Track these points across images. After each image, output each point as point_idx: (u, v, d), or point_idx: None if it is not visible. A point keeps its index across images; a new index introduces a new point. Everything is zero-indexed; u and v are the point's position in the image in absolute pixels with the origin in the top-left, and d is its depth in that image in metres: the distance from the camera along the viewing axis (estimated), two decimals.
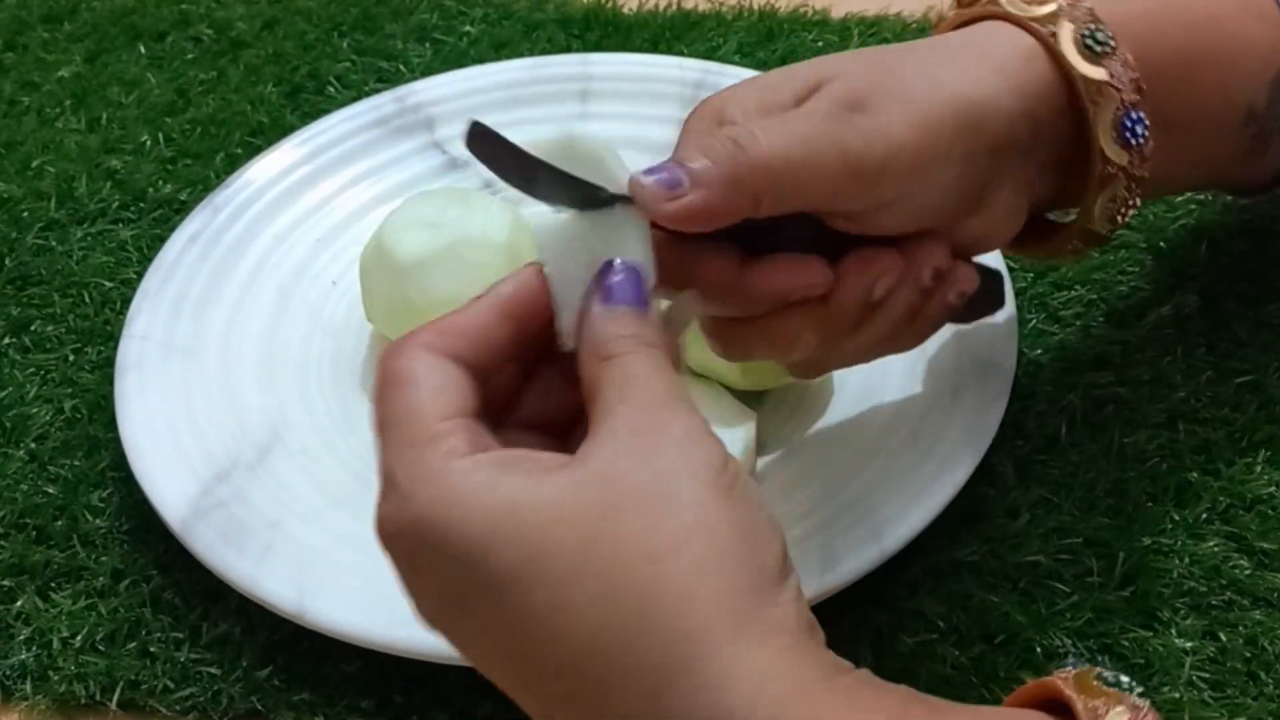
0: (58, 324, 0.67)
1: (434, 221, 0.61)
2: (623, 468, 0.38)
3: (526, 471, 0.39)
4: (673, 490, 0.38)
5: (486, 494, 0.38)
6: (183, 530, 0.55)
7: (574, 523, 0.38)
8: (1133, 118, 0.50)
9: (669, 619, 0.37)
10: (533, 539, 0.38)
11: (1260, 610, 0.53)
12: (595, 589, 0.37)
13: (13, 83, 0.80)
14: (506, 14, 0.81)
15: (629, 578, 0.37)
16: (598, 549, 0.37)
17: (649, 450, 0.39)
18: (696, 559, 0.37)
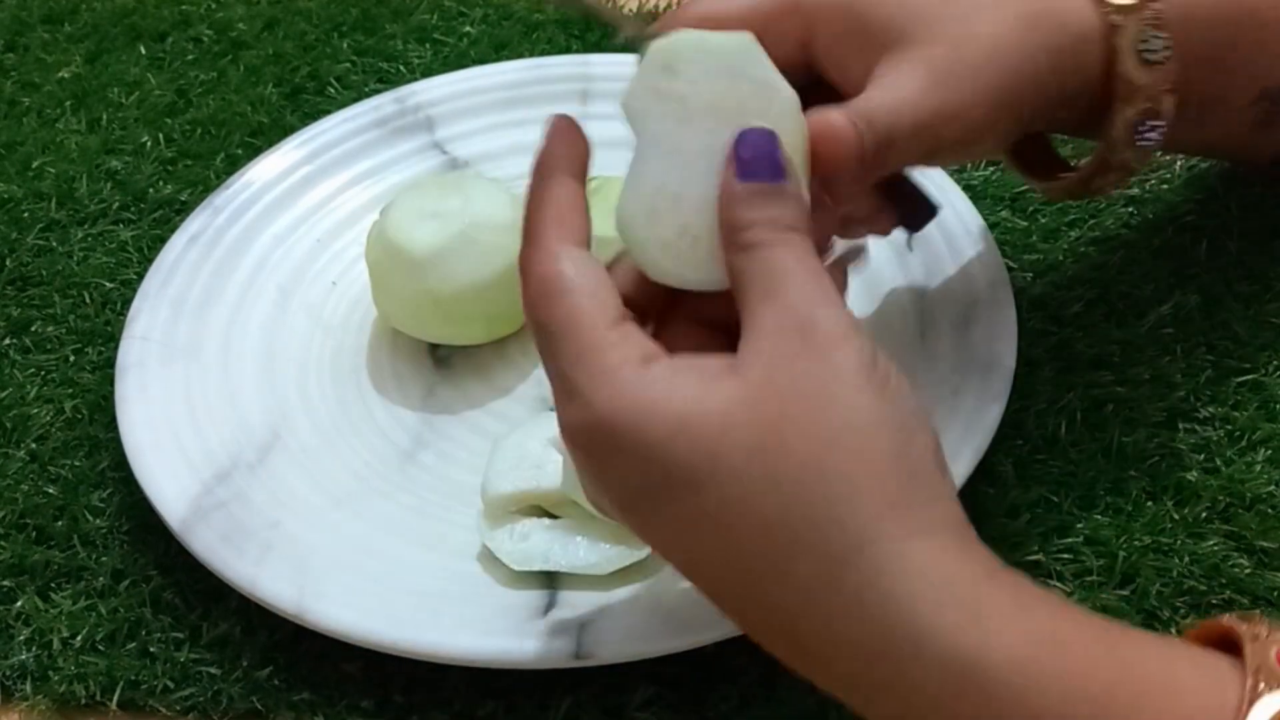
0: (58, 325, 0.67)
1: (436, 211, 0.61)
2: (778, 377, 0.40)
3: (695, 380, 0.41)
4: (829, 397, 0.40)
5: (663, 403, 0.41)
6: (183, 530, 0.55)
7: (743, 430, 0.40)
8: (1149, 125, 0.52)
9: (837, 513, 0.39)
10: (706, 446, 0.40)
11: (1260, 609, 0.53)
12: (767, 484, 0.39)
13: (13, 83, 0.80)
14: (506, 14, 0.81)
15: (795, 480, 0.39)
16: (765, 454, 0.40)
17: (800, 357, 0.40)
18: (858, 459, 0.40)
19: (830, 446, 0.40)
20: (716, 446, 0.40)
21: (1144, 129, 0.52)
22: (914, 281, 0.62)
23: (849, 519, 0.39)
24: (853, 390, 0.40)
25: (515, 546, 0.54)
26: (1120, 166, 0.54)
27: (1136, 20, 0.51)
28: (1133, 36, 0.51)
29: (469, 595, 0.54)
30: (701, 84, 0.44)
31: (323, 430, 0.61)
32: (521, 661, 0.51)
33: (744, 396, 0.40)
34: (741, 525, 0.40)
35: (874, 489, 0.39)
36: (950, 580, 0.39)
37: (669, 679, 0.52)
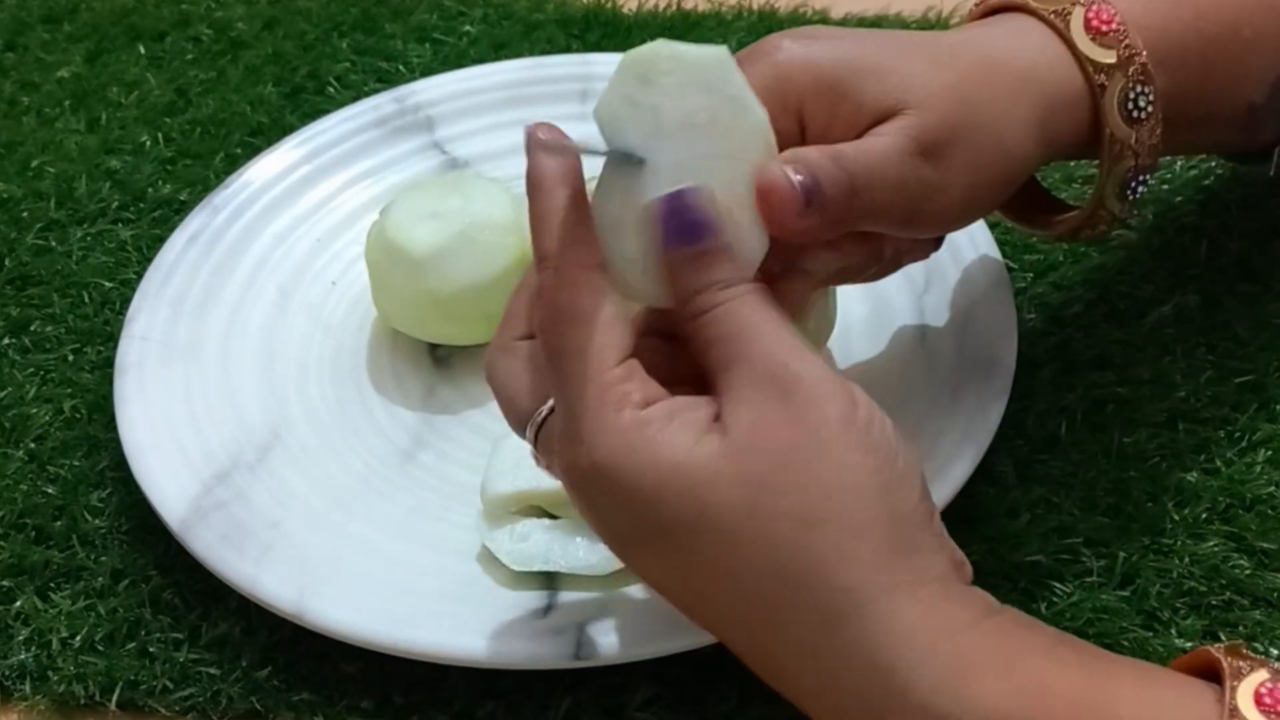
0: (57, 324, 0.67)
1: (436, 211, 0.61)
2: (762, 438, 0.41)
3: (687, 427, 0.42)
4: (812, 456, 0.41)
5: (655, 449, 0.41)
6: (182, 530, 0.55)
7: (732, 486, 0.41)
8: (1139, 179, 0.53)
9: (825, 576, 0.40)
10: (698, 495, 0.41)
11: (1260, 610, 0.53)
12: (760, 547, 0.41)
13: (13, 83, 0.80)
14: (506, 14, 0.81)
15: (789, 541, 0.40)
16: (758, 513, 0.41)
17: (780, 416, 0.41)
18: (844, 519, 0.40)
19: (818, 509, 0.40)
20: (706, 497, 0.41)
21: (1135, 185, 0.53)
22: (914, 282, 0.62)
23: (838, 581, 0.40)
24: (837, 448, 0.41)
25: (515, 547, 0.54)
26: (1110, 219, 0.54)
27: (1122, 77, 0.51)
28: (1119, 95, 0.51)
29: (469, 595, 0.54)
30: (676, 97, 0.44)
31: (323, 430, 0.61)
32: (521, 661, 0.51)
33: (730, 454, 0.41)
34: (734, 574, 0.41)
35: (862, 549, 0.40)
36: (934, 638, 0.40)
37: (669, 679, 0.52)
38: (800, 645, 0.41)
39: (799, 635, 0.41)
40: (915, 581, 0.41)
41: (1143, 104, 0.51)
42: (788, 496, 0.41)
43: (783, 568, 0.40)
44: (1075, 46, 0.51)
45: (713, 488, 0.41)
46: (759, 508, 0.41)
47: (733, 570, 0.41)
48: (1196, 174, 0.68)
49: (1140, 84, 0.51)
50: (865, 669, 0.40)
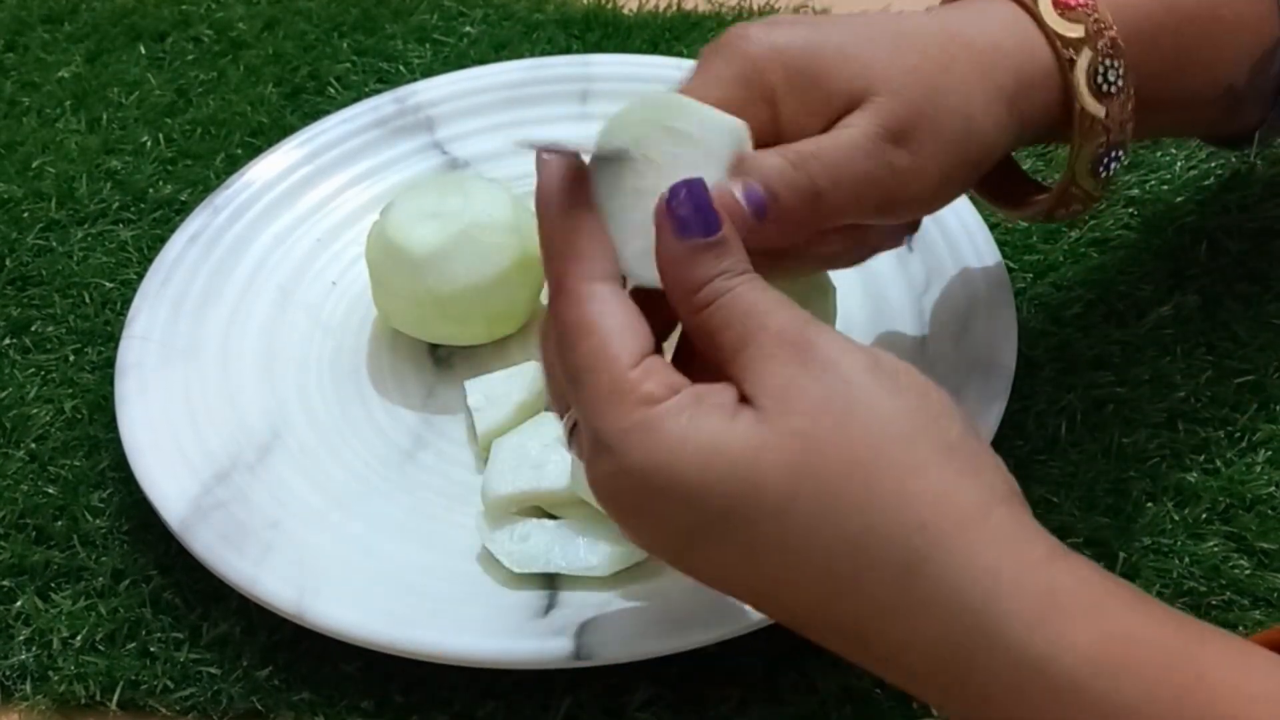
0: (58, 324, 0.67)
1: (437, 211, 0.61)
2: (793, 399, 0.40)
3: (717, 409, 0.41)
4: (850, 404, 0.40)
5: (692, 437, 0.40)
6: (183, 530, 0.55)
7: (778, 452, 0.40)
8: (1111, 155, 0.52)
9: (895, 520, 0.39)
10: (745, 474, 0.40)
11: (1260, 610, 0.53)
12: (816, 509, 0.39)
13: (13, 83, 0.80)
14: (506, 14, 0.81)
15: (843, 495, 0.39)
16: (806, 472, 0.39)
17: (806, 376, 0.40)
18: (897, 460, 0.40)
19: (867, 457, 0.40)
20: (754, 473, 0.40)
21: (1108, 160, 0.52)
22: (914, 282, 0.62)
23: (908, 519, 0.39)
24: (868, 395, 0.40)
25: (515, 548, 0.54)
26: (1083, 198, 0.54)
27: (1090, 51, 0.51)
28: (1088, 69, 0.51)
29: (469, 595, 0.54)
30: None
31: (323, 430, 0.61)
32: (521, 661, 0.51)
33: (767, 421, 0.40)
34: (802, 550, 0.40)
35: (923, 485, 0.39)
36: (1018, 571, 0.39)
37: (669, 679, 0.52)
38: (881, 603, 0.39)
39: (879, 593, 0.39)
40: (985, 507, 0.39)
41: (1113, 78, 0.51)
42: (834, 449, 0.40)
43: (848, 523, 0.39)
44: (1043, 21, 0.51)
45: (757, 461, 0.40)
46: (808, 468, 0.39)
47: (799, 544, 0.40)
48: (1196, 174, 0.68)
49: (1110, 58, 0.51)
50: (953, 611, 0.38)
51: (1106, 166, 0.52)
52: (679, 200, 0.43)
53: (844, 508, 0.39)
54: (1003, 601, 0.38)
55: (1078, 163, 0.52)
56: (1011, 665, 0.38)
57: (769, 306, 0.42)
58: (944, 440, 0.40)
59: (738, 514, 0.40)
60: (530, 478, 0.56)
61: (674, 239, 0.43)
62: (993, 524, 0.39)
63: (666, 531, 0.42)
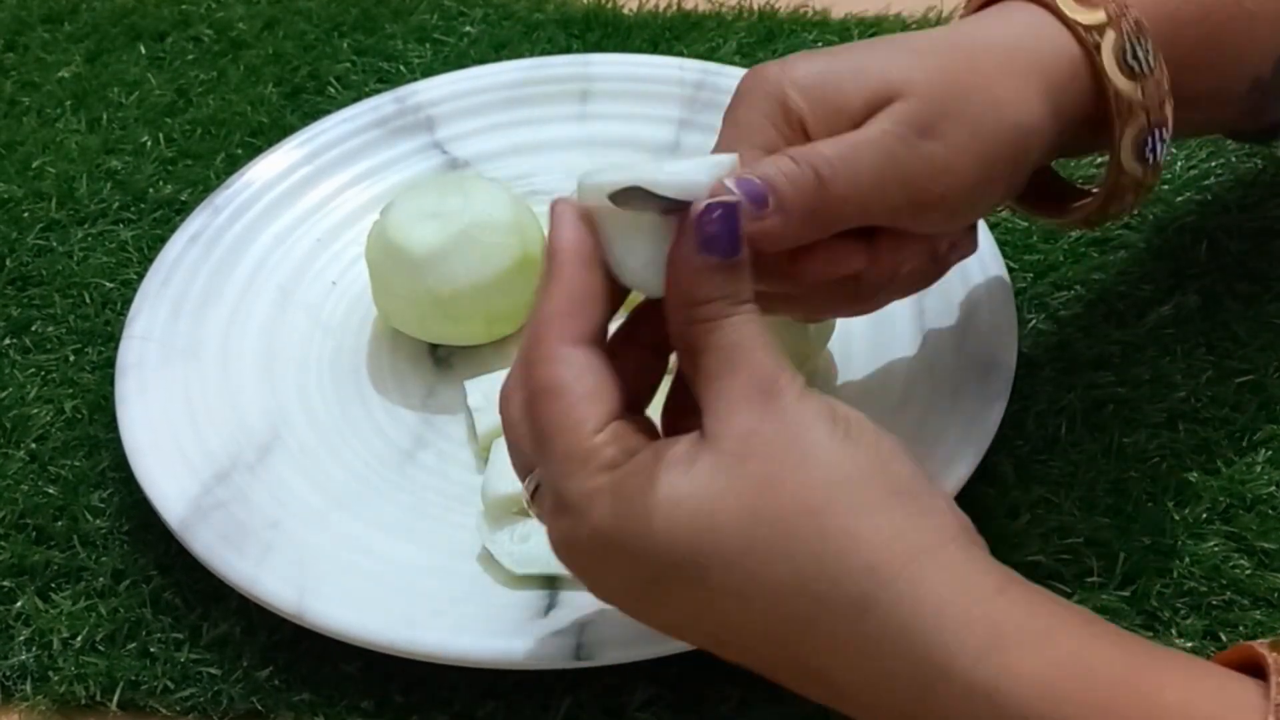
0: (58, 324, 0.67)
1: (437, 211, 0.61)
2: (752, 444, 0.41)
3: (676, 463, 0.42)
4: (806, 451, 0.41)
5: (650, 493, 0.41)
6: (183, 530, 0.55)
7: (734, 501, 0.41)
8: (1155, 136, 0.51)
9: (845, 561, 0.40)
10: (702, 523, 0.41)
11: (1261, 610, 0.53)
12: (771, 552, 0.40)
13: (13, 83, 0.80)
14: (506, 14, 0.81)
15: (798, 534, 0.40)
16: (762, 517, 0.41)
17: (767, 421, 0.41)
18: (848, 504, 0.40)
19: (820, 502, 0.41)
20: (711, 522, 0.41)
21: (1152, 142, 0.52)
22: None
23: (857, 562, 0.40)
24: (824, 442, 0.41)
25: (516, 548, 0.54)
26: (1134, 186, 0.53)
27: (1114, 33, 0.50)
28: (1115, 51, 0.50)
29: (469, 595, 0.54)
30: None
31: (323, 430, 0.61)
32: (521, 661, 0.51)
33: (724, 467, 0.41)
34: (759, 594, 0.41)
35: (873, 526, 0.40)
36: (966, 605, 0.39)
37: (669, 679, 0.52)
38: (835, 642, 0.40)
39: (832, 632, 0.40)
40: (935, 545, 0.40)
41: (1142, 56, 0.50)
42: (789, 495, 0.41)
43: (802, 566, 0.40)
44: (1061, 13, 0.50)
45: (714, 509, 0.41)
46: (764, 513, 0.41)
47: (756, 587, 0.41)
48: (1196, 174, 0.67)
49: (1136, 36, 0.50)
50: (903, 647, 0.39)
51: (1153, 149, 0.52)
52: (711, 217, 0.43)
53: (798, 551, 0.40)
54: (949, 635, 0.39)
55: (1122, 148, 0.51)
56: (962, 696, 0.39)
57: (753, 345, 0.43)
58: (893, 485, 0.41)
59: (696, 563, 0.41)
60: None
61: (694, 250, 0.43)
62: (939, 562, 0.40)
63: (625, 585, 0.44)
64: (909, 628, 0.39)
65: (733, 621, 0.42)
